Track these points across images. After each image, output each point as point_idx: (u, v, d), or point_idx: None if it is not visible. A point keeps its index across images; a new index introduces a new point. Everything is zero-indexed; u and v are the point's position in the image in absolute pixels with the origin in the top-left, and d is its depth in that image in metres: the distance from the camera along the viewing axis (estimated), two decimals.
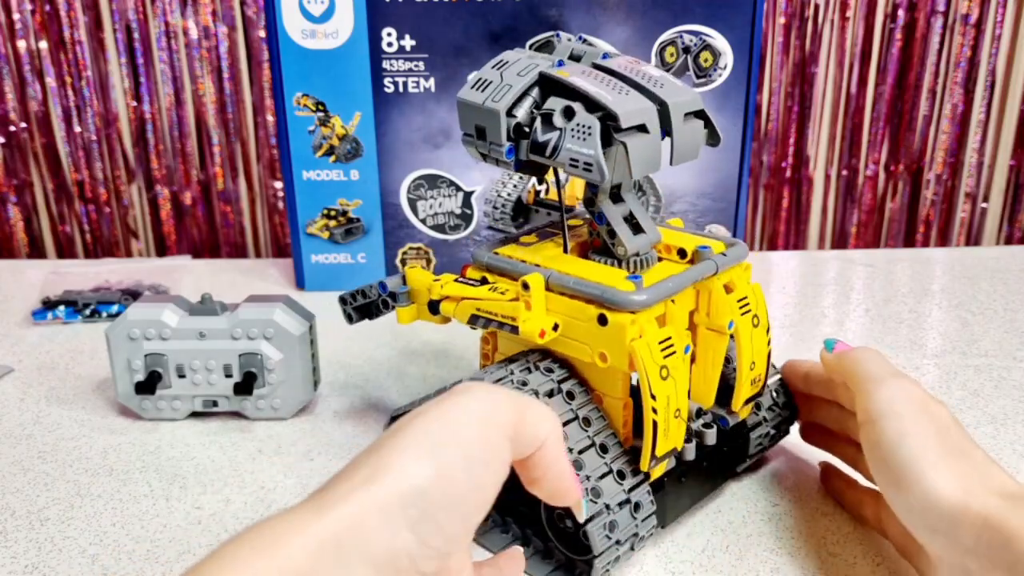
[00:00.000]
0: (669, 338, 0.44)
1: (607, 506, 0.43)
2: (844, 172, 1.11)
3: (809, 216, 1.13)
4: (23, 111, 1.05)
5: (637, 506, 0.45)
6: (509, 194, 0.84)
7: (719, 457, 0.52)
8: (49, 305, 0.82)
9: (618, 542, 0.44)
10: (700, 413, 0.50)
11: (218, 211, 1.10)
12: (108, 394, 0.67)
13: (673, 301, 0.46)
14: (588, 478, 0.44)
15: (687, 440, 0.47)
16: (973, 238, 1.15)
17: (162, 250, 1.12)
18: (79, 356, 0.75)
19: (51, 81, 1.04)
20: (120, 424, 0.63)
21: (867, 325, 0.80)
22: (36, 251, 1.12)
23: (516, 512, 0.49)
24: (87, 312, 0.82)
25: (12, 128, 1.05)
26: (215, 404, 0.62)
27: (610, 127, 0.43)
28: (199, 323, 0.60)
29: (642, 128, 0.43)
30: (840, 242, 1.15)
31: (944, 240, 1.15)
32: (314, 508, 0.30)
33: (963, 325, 0.79)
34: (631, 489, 0.45)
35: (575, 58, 0.48)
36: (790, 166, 1.11)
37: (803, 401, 0.56)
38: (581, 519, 0.40)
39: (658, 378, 0.43)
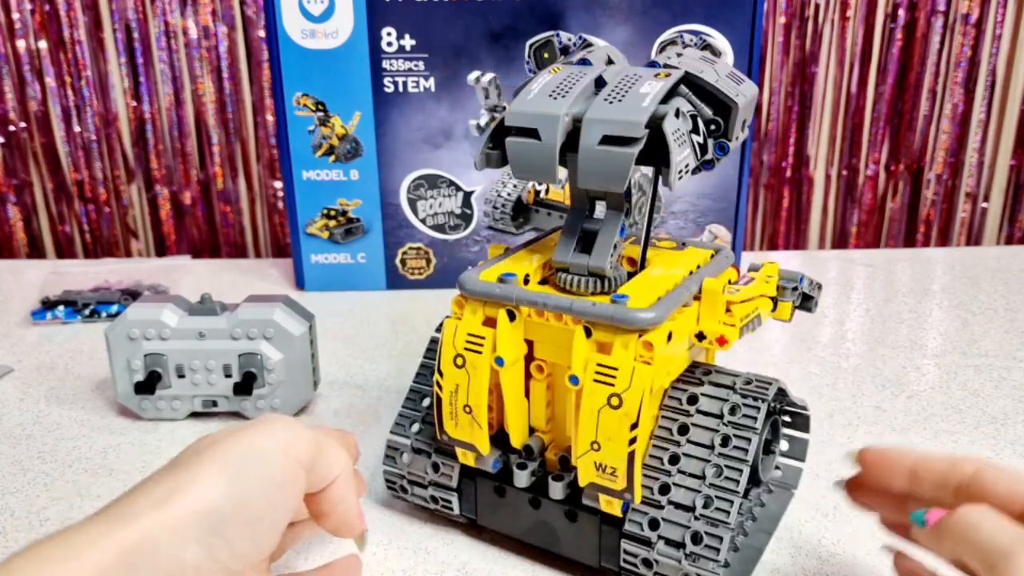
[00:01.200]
0: (482, 337, 0.43)
1: (408, 440, 0.50)
2: (844, 172, 1.11)
3: (809, 216, 1.13)
4: (23, 111, 1.05)
5: (436, 467, 0.48)
6: (509, 194, 0.84)
7: (584, 531, 0.45)
8: (49, 305, 0.82)
9: (402, 476, 0.50)
10: (529, 452, 0.46)
11: (218, 211, 1.10)
12: (108, 394, 0.67)
13: (513, 314, 0.43)
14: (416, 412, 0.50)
15: (519, 467, 0.45)
16: (973, 238, 1.15)
17: (162, 250, 1.12)
18: (79, 356, 0.75)
19: (51, 81, 1.04)
20: (120, 424, 0.63)
21: (867, 325, 0.80)
22: (36, 251, 1.12)
23: None
24: (87, 312, 0.82)
25: (12, 128, 1.05)
26: (215, 404, 0.62)
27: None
28: (199, 323, 0.60)
29: (534, 133, 0.40)
30: (840, 242, 1.15)
31: (944, 240, 1.15)
32: (107, 522, 0.32)
33: (963, 325, 0.79)
34: (430, 442, 0.49)
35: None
36: (790, 166, 1.11)
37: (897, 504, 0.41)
38: (360, 551, 0.43)
39: (449, 362, 0.44)
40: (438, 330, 0.52)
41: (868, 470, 0.41)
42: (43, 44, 1.02)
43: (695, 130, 0.42)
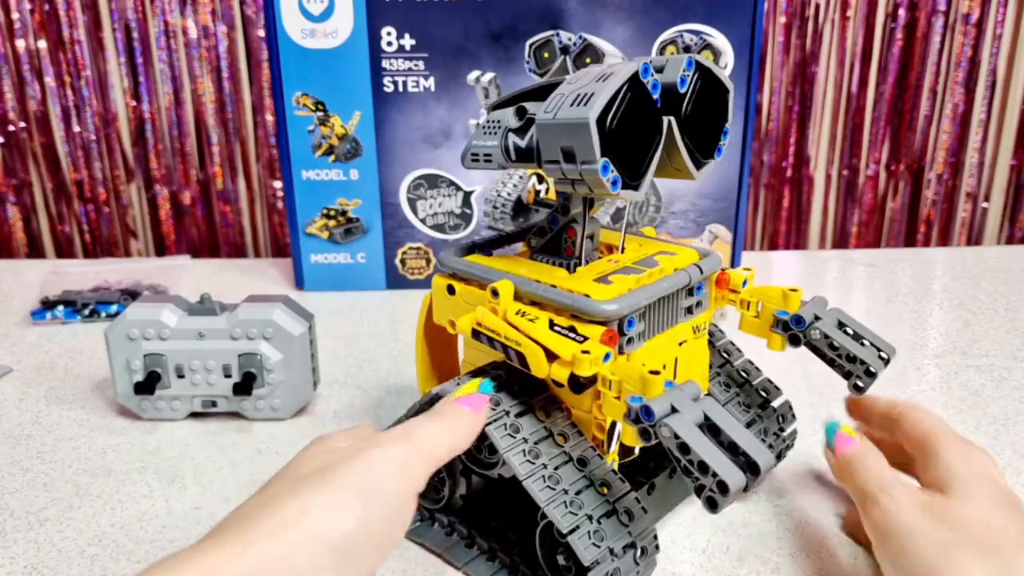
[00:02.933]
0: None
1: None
2: (845, 172, 1.11)
3: (810, 216, 1.13)
4: (22, 111, 1.05)
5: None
6: (509, 194, 0.84)
7: None
8: (48, 305, 0.82)
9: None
10: None
11: (217, 211, 1.10)
12: (107, 394, 0.67)
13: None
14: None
15: None
16: (974, 238, 1.15)
17: (161, 250, 1.12)
18: (78, 356, 0.75)
19: (50, 81, 1.04)
20: (119, 424, 0.63)
21: (868, 325, 0.80)
22: (35, 251, 1.12)
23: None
24: (86, 312, 0.82)
25: (11, 128, 1.05)
26: (214, 404, 0.62)
27: None
28: (198, 323, 0.60)
29: None
30: (841, 242, 1.15)
31: (945, 240, 1.15)
32: (237, 539, 0.31)
33: (964, 325, 0.79)
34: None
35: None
36: (791, 166, 1.10)
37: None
38: None
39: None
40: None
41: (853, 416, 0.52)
42: (42, 44, 1.02)
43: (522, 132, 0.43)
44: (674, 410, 0.38)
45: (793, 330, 0.47)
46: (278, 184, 1.09)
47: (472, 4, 0.78)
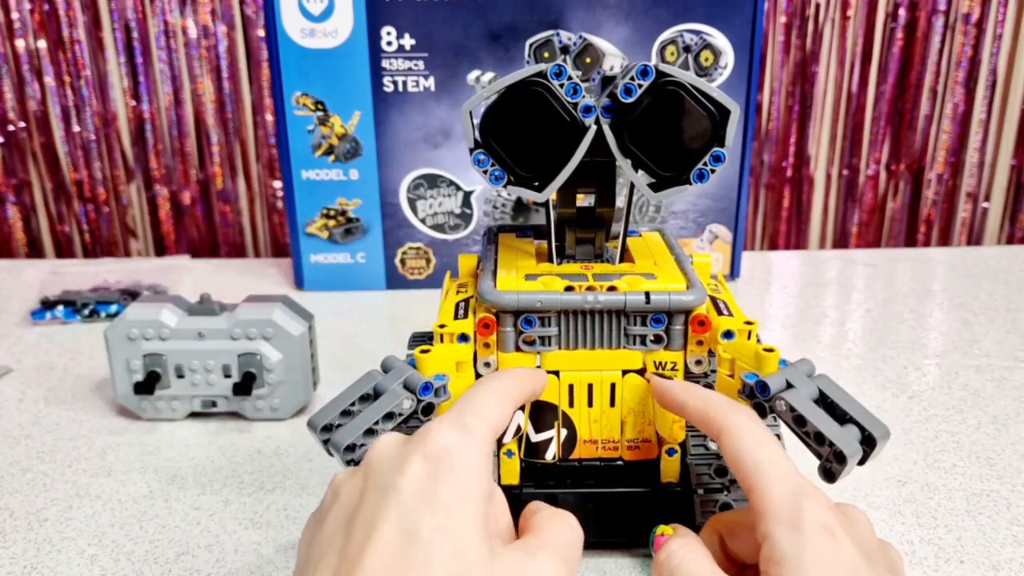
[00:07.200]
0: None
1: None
2: (845, 172, 1.11)
3: (810, 216, 1.13)
4: (22, 110, 1.05)
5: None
6: (509, 193, 0.84)
7: None
8: (48, 305, 0.82)
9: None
10: None
11: (217, 211, 1.10)
12: (107, 394, 0.67)
13: None
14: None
15: None
16: (974, 238, 1.15)
17: (161, 250, 1.12)
18: (78, 356, 0.75)
19: (50, 80, 1.04)
20: (119, 424, 0.63)
21: (868, 325, 0.80)
22: (35, 251, 1.11)
23: None
24: (86, 312, 0.82)
25: (11, 128, 1.05)
26: (214, 404, 0.62)
27: None
28: (198, 323, 0.60)
29: None
30: (841, 242, 1.15)
31: (945, 240, 1.15)
32: None
33: (964, 325, 0.79)
34: None
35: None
36: (791, 165, 1.10)
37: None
38: None
39: None
40: None
41: (656, 397, 0.43)
42: (42, 43, 1.02)
43: None
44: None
45: (758, 398, 0.40)
46: (278, 184, 1.09)
47: (472, 3, 0.78)
